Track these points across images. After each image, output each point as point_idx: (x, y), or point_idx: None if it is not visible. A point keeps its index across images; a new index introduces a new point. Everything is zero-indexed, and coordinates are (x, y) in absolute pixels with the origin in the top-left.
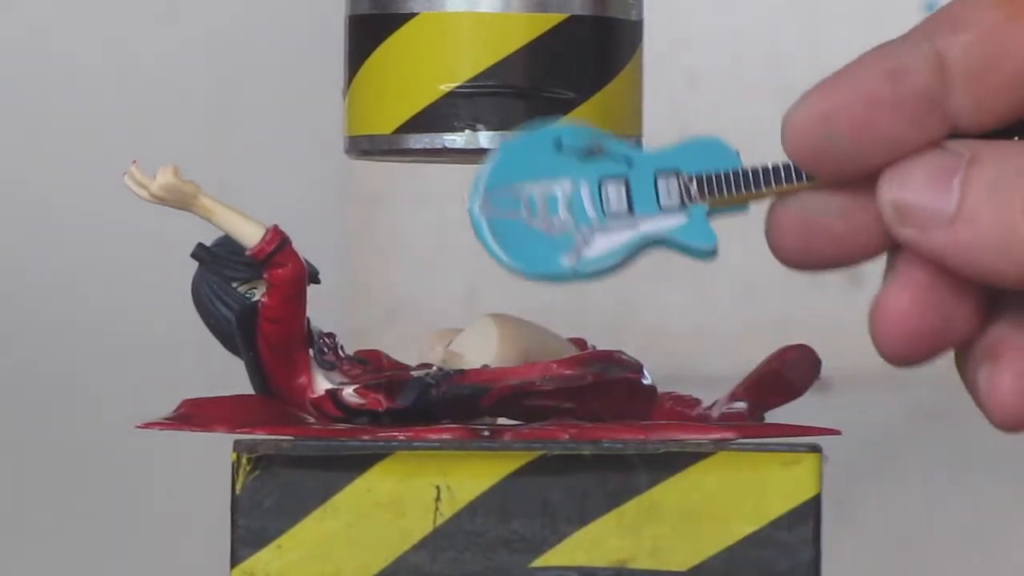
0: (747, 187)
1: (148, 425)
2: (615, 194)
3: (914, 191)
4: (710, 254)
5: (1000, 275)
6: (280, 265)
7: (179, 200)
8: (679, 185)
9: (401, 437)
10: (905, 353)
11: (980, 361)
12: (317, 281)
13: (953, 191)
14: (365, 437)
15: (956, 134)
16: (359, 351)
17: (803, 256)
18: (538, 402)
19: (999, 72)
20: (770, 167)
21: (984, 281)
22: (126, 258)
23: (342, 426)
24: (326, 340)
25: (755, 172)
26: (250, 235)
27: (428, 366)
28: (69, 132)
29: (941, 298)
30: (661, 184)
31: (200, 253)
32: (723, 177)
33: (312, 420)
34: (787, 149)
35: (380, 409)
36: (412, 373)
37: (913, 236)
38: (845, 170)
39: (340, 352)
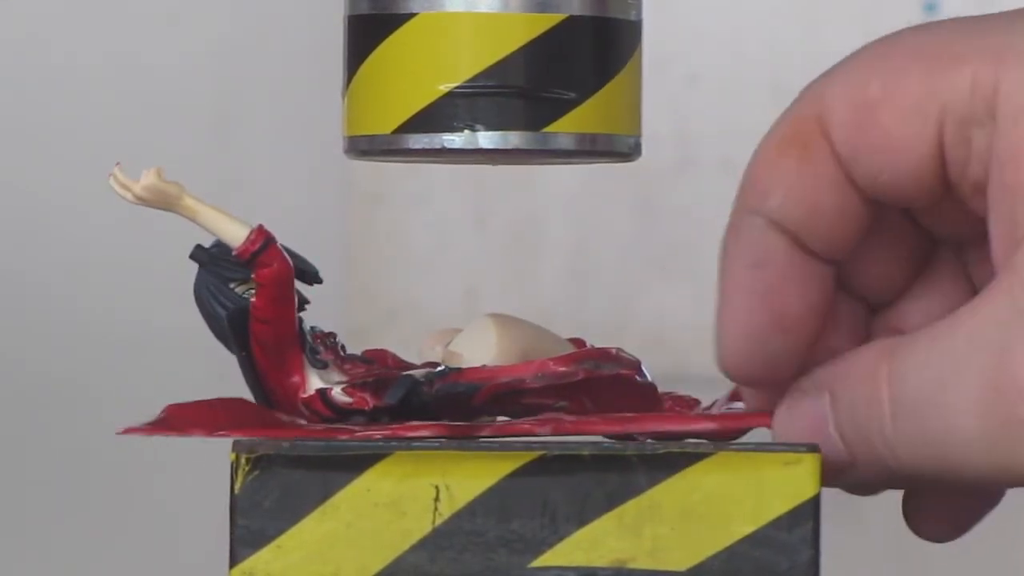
0: None
1: (129, 431)
2: None
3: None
4: None
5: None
6: (266, 265)
7: (163, 201)
8: None
9: (399, 437)
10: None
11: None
12: (319, 280)
13: (833, 439)
14: (358, 436)
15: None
16: (367, 351)
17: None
18: (532, 400)
19: (824, 209)
20: None
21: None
22: (127, 259)
23: (322, 426)
24: (323, 340)
25: None
26: (234, 235)
27: (434, 365)
28: (70, 134)
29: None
30: None
31: (198, 254)
32: None
33: (304, 421)
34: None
35: (367, 408)
36: (411, 372)
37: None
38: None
39: (341, 352)
